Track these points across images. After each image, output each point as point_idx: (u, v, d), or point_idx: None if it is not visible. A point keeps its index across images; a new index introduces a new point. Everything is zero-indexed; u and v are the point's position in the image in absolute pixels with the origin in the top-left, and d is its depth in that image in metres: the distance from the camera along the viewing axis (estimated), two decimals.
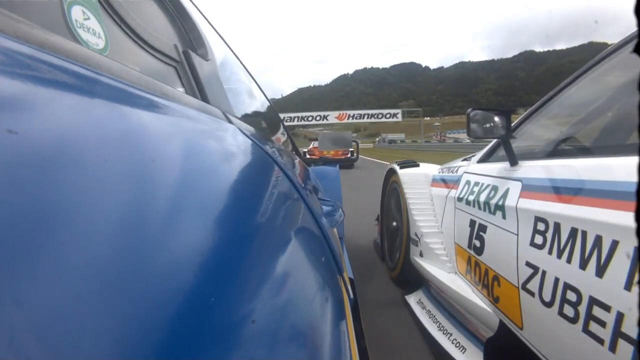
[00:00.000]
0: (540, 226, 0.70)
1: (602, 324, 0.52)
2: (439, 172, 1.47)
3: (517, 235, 0.77)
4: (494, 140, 1.09)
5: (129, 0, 0.41)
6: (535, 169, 0.80)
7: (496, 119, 0.95)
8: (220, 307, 0.15)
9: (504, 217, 0.84)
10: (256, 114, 1.04)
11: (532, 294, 0.71)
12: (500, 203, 0.87)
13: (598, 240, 0.55)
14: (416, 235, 1.36)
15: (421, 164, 1.66)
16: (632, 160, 0.55)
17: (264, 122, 1.06)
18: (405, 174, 1.57)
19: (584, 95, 0.91)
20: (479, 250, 0.96)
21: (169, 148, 0.22)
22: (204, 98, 0.48)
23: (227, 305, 0.16)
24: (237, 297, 0.17)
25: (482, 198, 0.97)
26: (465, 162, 1.28)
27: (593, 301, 0.55)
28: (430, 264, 1.25)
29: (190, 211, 0.19)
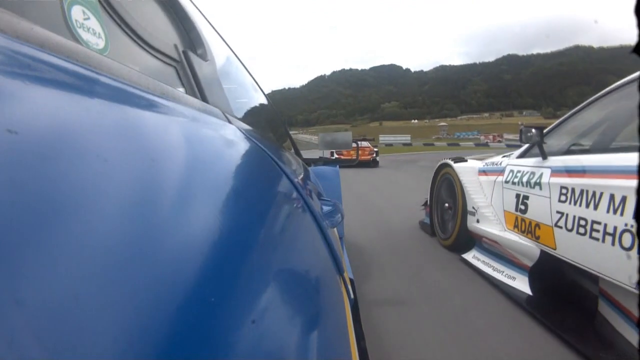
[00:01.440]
0: (564, 191, 1.35)
1: (597, 231, 1.13)
2: (483, 166, 2.11)
3: (550, 198, 1.42)
4: (527, 145, 1.72)
5: (129, 0, 0.41)
6: (558, 161, 1.45)
7: (534, 130, 1.61)
8: (220, 307, 0.15)
9: (540, 189, 1.49)
10: (256, 113, 1.04)
11: (560, 227, 1.35)
12: (537, 181, 1.52)
13: (594, 193, 1.17)
14: (473, 208, 1.99)
15: (468, 159, 2.32)
16: (611, 156, 1.18)
17: (264, 122, 1.06)
18: (459, 167, 2.22)
19: (587, 118, 1.53)
20: (524, 211, 1.62)
21: (168, 148, 0.22)
22: (203, 98, 0.48)
23: (227, 305, 0.16)
24: (237, 297, 0.17)
25: (525, 179, 1.63)
26: (505, 159, 1.95)
27: (593, 222, 1.16)
28: (486, 226, 1.89)
29: (190, 211, 0.19)
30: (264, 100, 1.20)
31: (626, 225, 1.02)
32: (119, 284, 0.12)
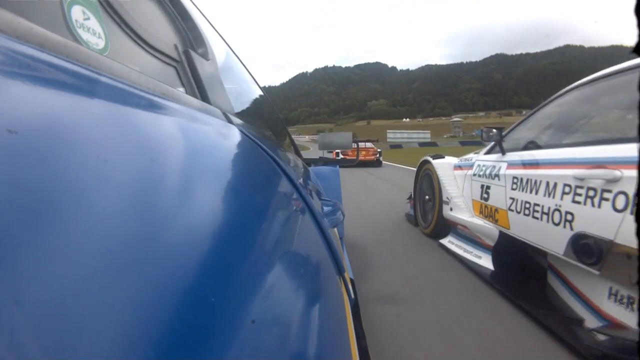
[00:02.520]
0: (515, 180, 1.63)
1: (538, 212, 1.41)
2: (458, 162, 2.42)
3: (505, 186, 1.72)
4: (492, 142, 2.03)
5: (129, 0, 0.41)
6: (514, 156, 1.74)
7: (494, 130, 1.94)
8: (220, 307, 0.15)
9: (499, 179, 1.79)
10: (257, 113, 1.04)
11: (512, 210, 1.64)
12: (496, 173, 1.82)
13: (536, 182, 1.45)
14: (447, 198, 2.30)
15: (445, 156, 2.62)
16: (548, 151, 1.47)
17: (264, 122, 1.06)
18: (437, 163, 2.52)
19: (542, 119, 1.83)
20: (486, 199, 1.92)
21: (169, 148, 0.22)
22: (204, 98, 0.48)
23: (227, 305, 0.16)
24: (237, 297, 0.17)
25: (487, 172, 1.93)
26: (475, 155, 2.25)
27: (535, 204, 1.45)
28: (458, 213, 2.19)
29: (190, 211, 0.19)
30: (264, 100, 1.20)
31: (556, 205, 1.32)
32: (119, 283, 0.12)
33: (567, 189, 1.27)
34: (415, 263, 2.05)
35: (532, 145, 1.70)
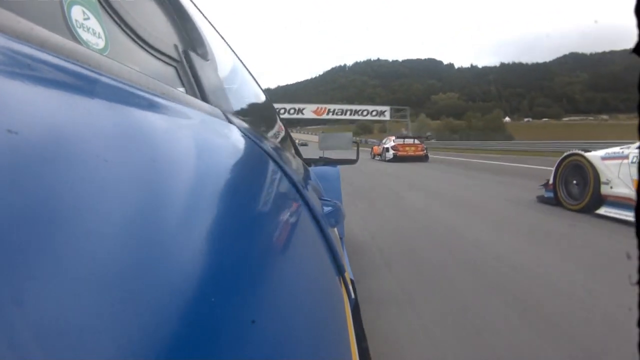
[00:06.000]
0: None
1: None
2: (605, 154, 3.19)
3: None
4: None
5: (129, 0, 0.41)
6: None
7: None
8: (220, 307, 0.15)
9: None
10: (257, 113, 1.04)
11: None
12: None
13: None
14: (607, 179, 3.06)
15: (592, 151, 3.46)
16: None
17: (264, 122, 1.06)
18: (590, 155, 3.29)
19: None
20: None
21: (169, 148, 0.22)
22: (204, 98, 0.48)
23: (227, 306, 0.16)
24: (237, 297, 0.17)
25: None
26: (625, 149, 3.08)
27: None
28: (618, 189, 2.98)
29: (190, 211, 0.19)
30: (265, 100, 1.20)
31: None
32: (119, 284, 0.12)
33: None
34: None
35: None
